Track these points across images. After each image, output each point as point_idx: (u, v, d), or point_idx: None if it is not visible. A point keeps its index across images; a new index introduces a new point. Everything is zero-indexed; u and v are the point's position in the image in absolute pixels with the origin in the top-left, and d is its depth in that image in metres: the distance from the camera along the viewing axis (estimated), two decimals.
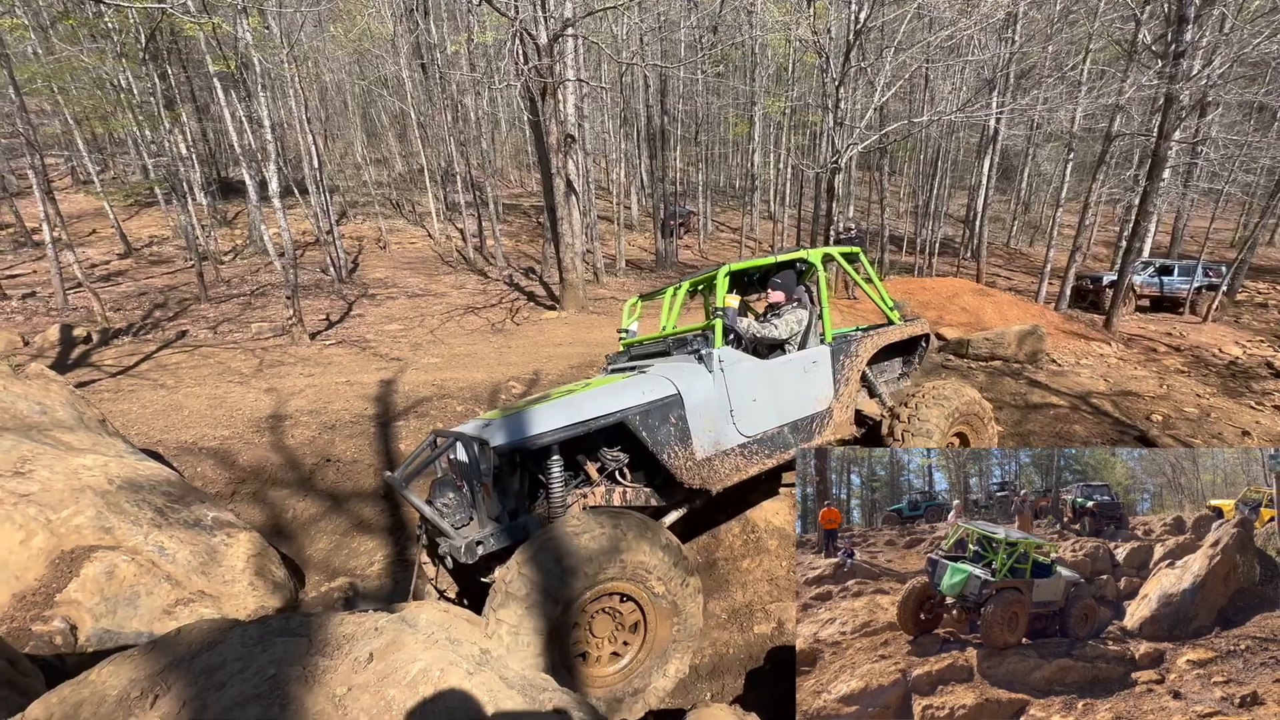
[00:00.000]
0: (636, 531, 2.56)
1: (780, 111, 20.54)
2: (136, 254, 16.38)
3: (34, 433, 3.61)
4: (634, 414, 2.95)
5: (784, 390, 3.55)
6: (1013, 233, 28.51)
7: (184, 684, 1.22)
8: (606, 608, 2.58)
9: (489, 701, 1.20)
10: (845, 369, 3.85)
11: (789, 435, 3.57)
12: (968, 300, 12.44)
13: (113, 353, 8.79)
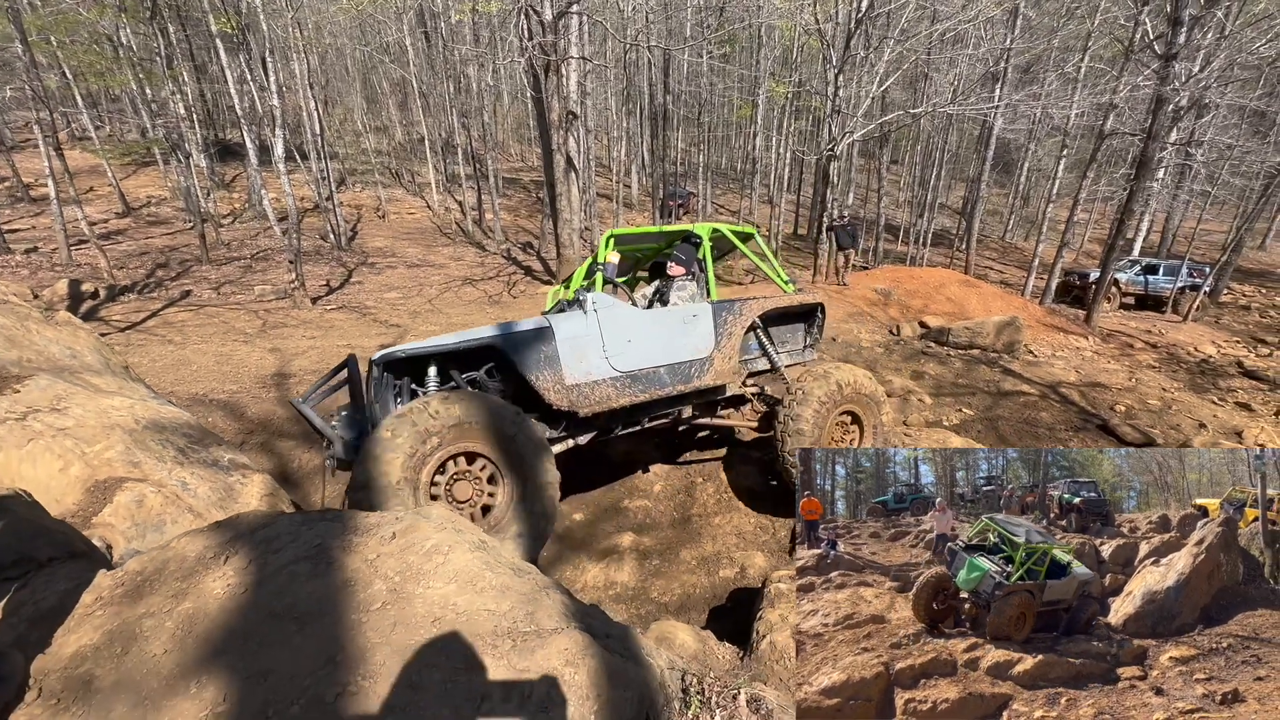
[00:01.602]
0: (469, 397, 3.03)
1: (784, 96, 20.58)
2: (135, 213, 16.43)
3: (66, 374, 3.90)
4: (503, 339, 3.42)
5: (662, 336, 3.93)
6: (1009, 226, 28.77)
7: (248, 548, 1.54)
8: (460, 473, 3.05)
9: (486, 569, 1.53)
10: (728, 325, 4.18)
11: (664, 375, 3.93)
12: (954, 291, 12.76)
13: (120, 309, 9.02)
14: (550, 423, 3.75)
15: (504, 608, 1.44)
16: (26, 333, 4.19)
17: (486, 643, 1.33)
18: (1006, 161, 29.22)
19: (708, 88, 23.92)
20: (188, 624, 1.38)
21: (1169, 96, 10.89)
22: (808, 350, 5.02)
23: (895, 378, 8.28)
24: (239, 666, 1.28)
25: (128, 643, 1.35)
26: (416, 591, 1.45)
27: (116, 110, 23.60)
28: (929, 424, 6.96)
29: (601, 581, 3.99)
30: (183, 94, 17.31)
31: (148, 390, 4.44)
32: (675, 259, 4.36)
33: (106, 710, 1.21)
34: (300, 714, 1.18)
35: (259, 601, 1.42)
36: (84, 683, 1.27)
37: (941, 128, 20.00)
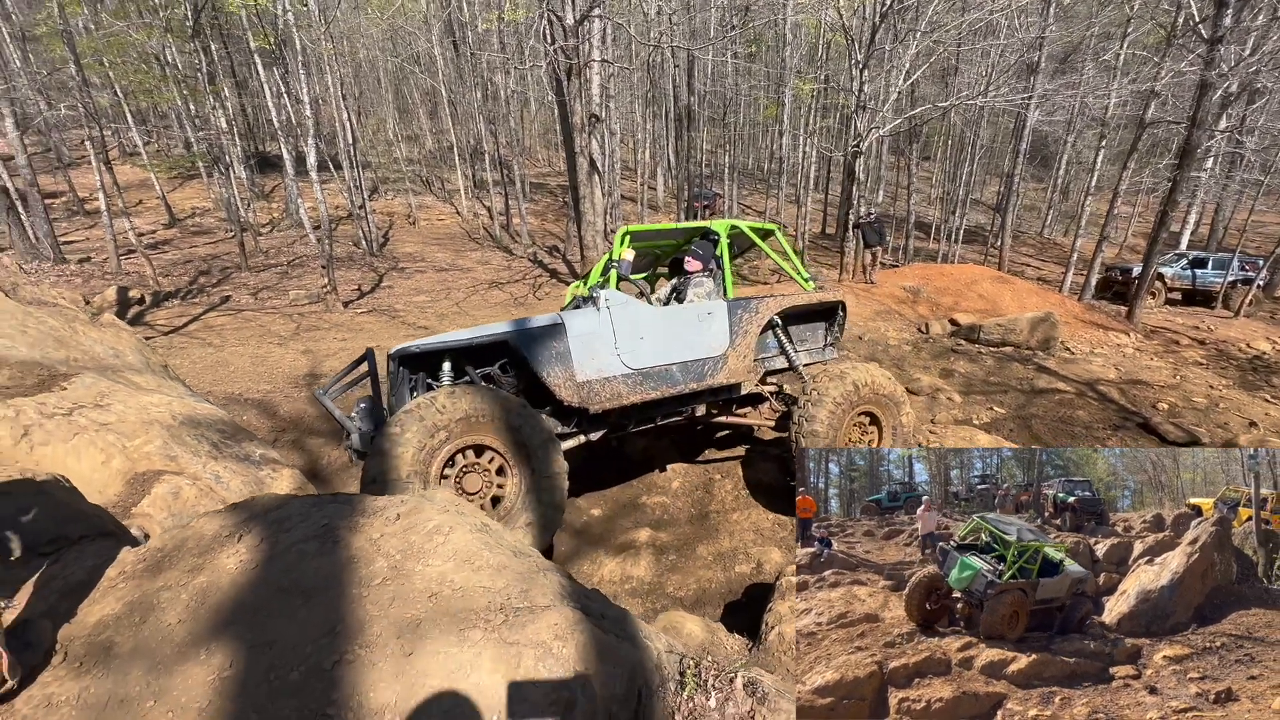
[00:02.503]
0: (476, 391, 3.08)
1: (810, 94, 20.39)
2: (180, 224, 17.17)
3: (109, 372, 4.11)
4: (516, 335, 3.46)
5: (676, 334, 3.90)
6: (1047, 221, 27.88)
7: (261, 528, 1.61)
8: (469, 465, 3.11)
9: (484, 549, 1.57)
10: (743, 323, 4.13)
11: (677, 373, 3.91)
12: (986, 287, 12.43)
13: (164, 313, 9.44)
14: (562, 418, 3.78)
15: (499, 585, 1.47)
16: (74, 334, 4.43)
17: (479, 616, 1.37)
18: (1044, 154, 28.34)
19: (733, 87, 23.84)
20: (201, 596, 1.45)
21: (1215, 82, 10.42)
22: (828, 349, 4.94)
23: (923, 376, 8.11)
24: (246, 636, 1.34)
25: (146, 613, 1.42)
26: (416, 569, 1.50)
27: (163, 126, 24.71)
28: (958, 422, 6.80)
29: (618, 576, 4.01)
30: (224, 108, 18.04)
31: (185, 388, 4.64)
32: (692, 255, 4.35)
33: (124, 673, 1.28)
34: (300, 679, 1.23)
35: (268, 577, 1.49)
36: (104, 649, 1.35)
37: (973, 121, 19.52)
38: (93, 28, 18.67)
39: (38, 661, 1.32)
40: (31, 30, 18.15)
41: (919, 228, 23.60)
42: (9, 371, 3.75)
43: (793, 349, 4.57)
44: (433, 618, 1.36)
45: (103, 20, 16.84)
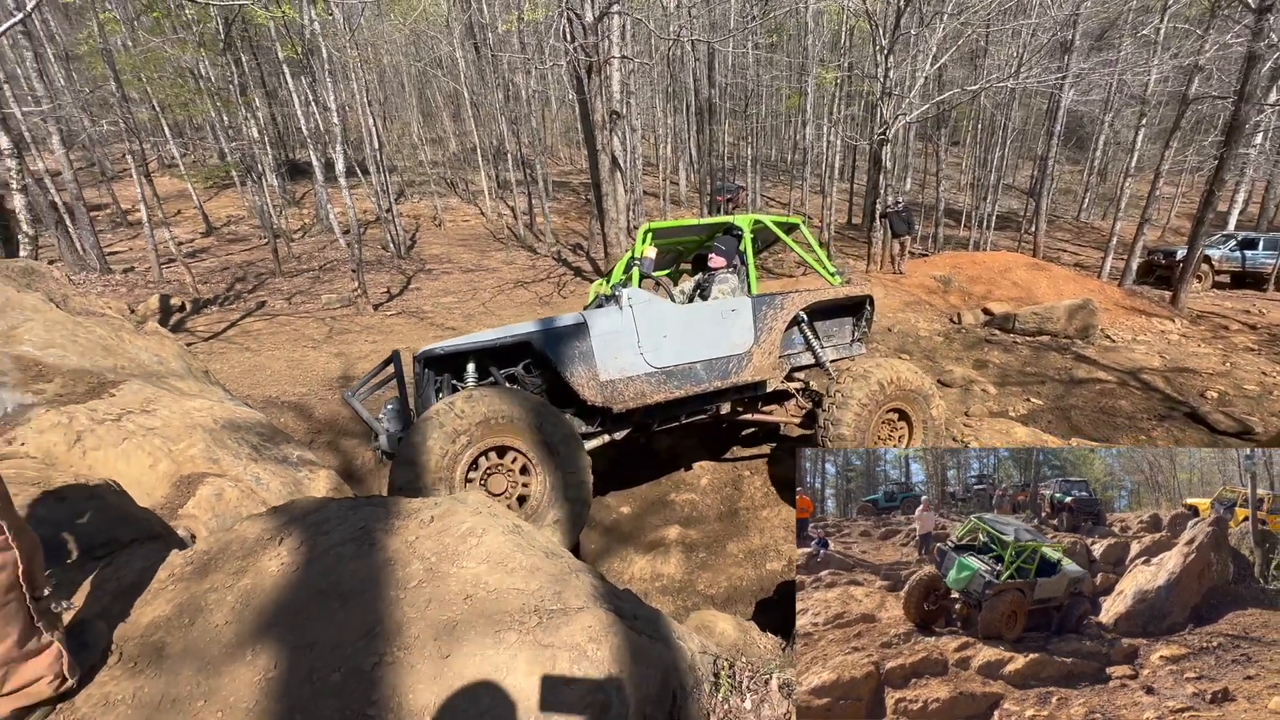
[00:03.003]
0: (493, 393, 3.09)
1: (833, 82, 20.02)
2: (216, 232, 17.70)
3: (154, 379, 4.25)
4: (540, 335, 3.46)
5: (699, 332, 3.86)
6: (1084, 205, 26.97)
7: (300, 531, 1.66)
8: (492, 467, 3.14)
9: (517, 551, 1.58)
10: (768, 319, 4.07)
11: (701, 371, 3.86)
12: (1020, 274, 12.08)
13: (204, 320, 9.75)
14: (586, 418, 3.79)
15: (533, 587, 1.48)
16: (121, 342, 4.60)
17: (514, 618, 1.38)
18: (1079, 136, 27.39)
19: (754, 79, 23.58)
20: (246, 598, 1.49)
21: (1264, 54, 9.92)
22: (856, 344, 4.84)
23: (956, 367, 7.93)
24: (288, 638, 1.37)
25: (194, 614, 1.47)
26: (451, 571, 1.52)
27: (199, 138, 25.48)
28: (993, 414, 6.64)
29: (648, 574, 4.01)
30: (255, 118, 18.52)
31: (225, 393, 4.79)
32: (716, 251, 4.30)
33: (175, 673, 1.33)
34: (340, 681, 1.26)
35: (308, 579, 1.52)
36: (157, 649, 1.40)
37: (1004, 104, 18.95)
38: (130, 45, 19.33)
39: (95, 661, 1.38)
40: (74, 49, 18.89)
41: (949, 215, 23.04)
42: (61, 380, 3.91)
43: (819, 345, 4.50)
44: (468, 620, 1.38)
45: (139, 37, 17.43)
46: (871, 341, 9.08)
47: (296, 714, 1.21)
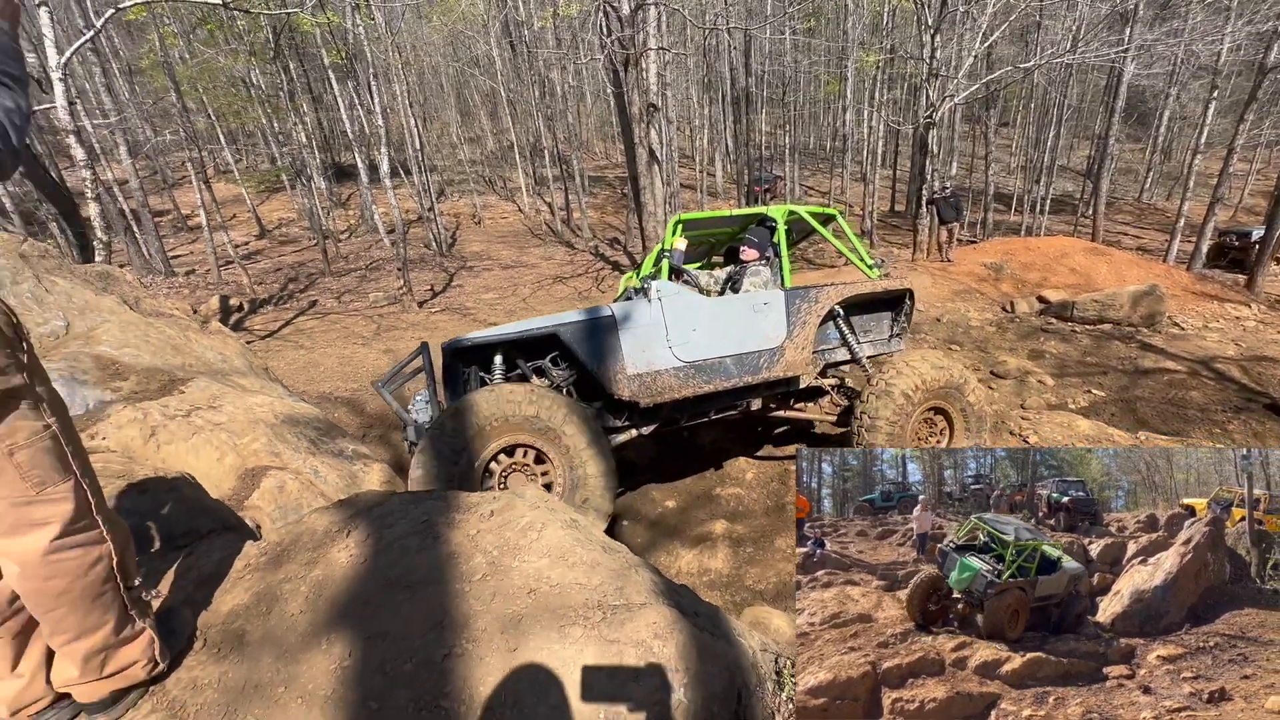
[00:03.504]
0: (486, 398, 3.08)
1: (875, 65, 19.43)
2: (269, 234, 18.42)
3: (219, 376, 4.45)
4: (566, 328, 3.42)
5: (729, 325, 3.75)
6: (1146, 185, 25.53)
7: (366, 523, 1.70)
8: (512, 465, 3.16)
9: (577, 545, 1.59)
10: (802, 313, 3.93)
11: (731, 366, 3.76)
12: (1078, 260, 11.52)
13: (260, 319, 10.17)
14: (613, 412, 3.75)
15: (594, 582, 1.48)
16: (188, 342, 4.83)
17: (578, 614, 1.38)
18: (1141, 112, 25.91)
19: (791, 65, 23.11)
20: (318, 588, 1.54)
21: None
22: (895, 340, 4.65)
23: (1010, 358, 7.63)
24: (360, 628, 1.41)
25: (271, 603, 1.53)
26: (513, 565, 1.53)
27: (251, 144, 26.53)
28: (1051, 407, 6.36)
29: (695, 568, 4.00)
30: (303, 123, 19.16)
31: (283, 389, 4.98)
32: (748, 243, 4.18)
33: (256, 660, 1.38)
34: (413, 671, 1.28)
35: (376, 570, 1.56)
36: (237, 636, 1.46)
37: (1060, 81, 18.06)
38: (188, 57, 20.24)
39: (182, 646, 1.44)
40: (137, 64, 19.89)
41: (999, 200, 22.14)
42: (136, 378, 4.13)
43: (855, 340, 4.34)
44: (533, 614, 1.39)
45: (195, 49, 18.22)
46: (919, 332, 8.81)
47: (372, 702, 1.24)
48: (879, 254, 14.65)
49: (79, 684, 1.26)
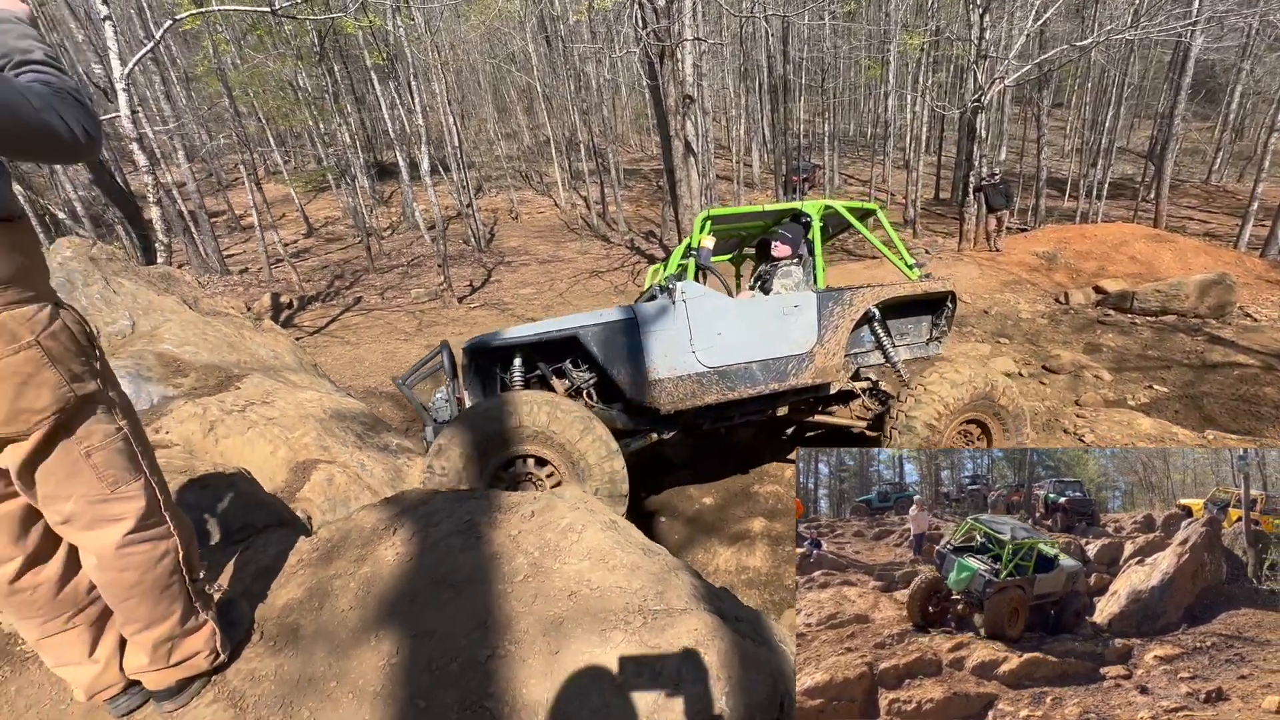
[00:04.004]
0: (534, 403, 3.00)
1: (919, 48, 18.77)
2: (316, 233, 19.05)
3: (271, 372, 4.63)
4: (586, 330, 3.32)
5: (757, 329, 3.59)
6: (1215, 166, 23.98)
7: (412, 522, 1.75)
8: (522, 475, 3.11)
9: (617, 548, 1.59)
10: (834, 316, 3.75)
11: (757, 372, 3.60)
12: (1139, 248, 10.92)
13: (309, 315, 10.54)
14: (633, 416, 3.65)
15: (635, 585, 1.48)
16: (242, 339, 5.04)
17: (619, 618, 1.38)
18: (1210, 88, 24.34)
19: (831, 51, 22.53)
20: (367, 585, 1.59)
21: None
22: (933, 344, 4.42)
23: (1064, 351, 7.30)
24: (407, 626, 1.45)
25: (322, 599, 1.58)
26: (554, 566, 1.55)
27: (298, 145, 27.43)
28: (1109, 403, 6.06)
29: (733, 566, 3.97)
30: (347, 124, 19.68)
31: (331, 384, 5.15)
32: (781, 238, 4.01)
33: (310, 654, 1.43)
34: (458, 671, 1.31)
35: (422, 569, 1.60)
36: (292, 630, 1.51)
37: (1119, 58, 17.09)
38: (239, 62, 21.03)
39: (241, 638, 1.51)
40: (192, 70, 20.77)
41: (1052, 185, 21.17)
42: (196, 374, 4.33)
43: (891, 344, 4.14)
44: (574, 617, 1.40)
45: (246, 55, 18.90)
46: (965, 325, 8.52)
47: (419, 700, 1.27)
48: (924, 243, 14.21)
49: (148, 671, 1.33)
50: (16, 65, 1.08)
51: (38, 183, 14.50)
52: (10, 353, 1.03)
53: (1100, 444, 5.13)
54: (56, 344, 1.10)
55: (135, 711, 1.36)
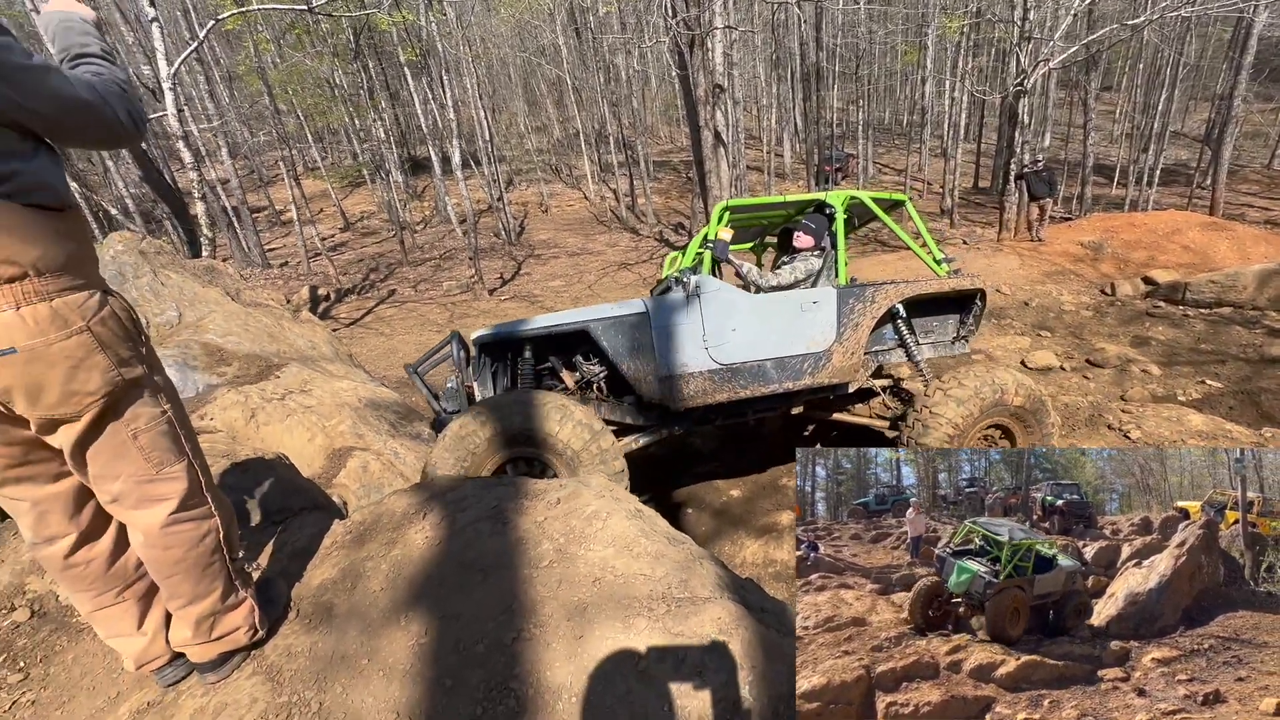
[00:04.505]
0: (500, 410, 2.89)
1: (958, 31, 18.16)
2: (352, 227, 19.49)
3: (309, 362, 4.77)
4: (597, 324, 3.23)
5: (772, 326, 3.46)
6: (1278, 151, 22.68)
7: (441, 507, 1.78)
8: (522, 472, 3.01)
9: (641, 536, 1.59)
10: (854, 314, 3.60)
11: (771, 370, 3.49)
12: (1193, 236, 10.41)
13: (345, 307, 10.81)
14: (642, 411, 3.57)
15: (659, 573, 1.48)
16: (281, 330, 5.20)
17: (642, 605, 1.39)
18: (1274, 67, 22.94)
19: (866, 37, 21.98)
20: (397, 568, 1.62)
21: None
22: (959, 342, 4.23)
23: (1109, 345, 7.02)
24: (435, 608, 1.48)
25: (355, 579, 1.63)
26: (579, 553, 1.56)
27: (335, 142, 28.06)
28: (1157, 399, 5.81)
29: (760, 558, 3.95)
30: (381, 120, 20.05)
31: (366, 375, 5.28)
32: (804, 229, 3.87)
33: (343, 632, 1.48)
34: (484, 652, 1.33)
35: (450, 553, 1.63)
36: (326, 609, 1.56)
37: (1175, 36, 16.26)
38: (278, 61, 21.59)
39: (279, 615, 1.56)
40: (235, 70, 21.41)
41: (1098, 172, 20.31)
42: (238, 364, 4.49)
43: (914, 341, 3.98)
44: (598, 603, 1.41)
45: (285, 54, 19.40)
46: (1004, 318, 8.27)
47: (446, 680, 1.30)
48: (961, 234, 13.81)
49: (192, 644, 1.39)
50: (74, 59, 1.16)
51: (93, 180, 15.17)
52: (62, 337, 1.08)
53: (1147, 441, 4.93)
54: (106, 330, 1.15)
55: (180, 682, 1.43)
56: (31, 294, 1.05)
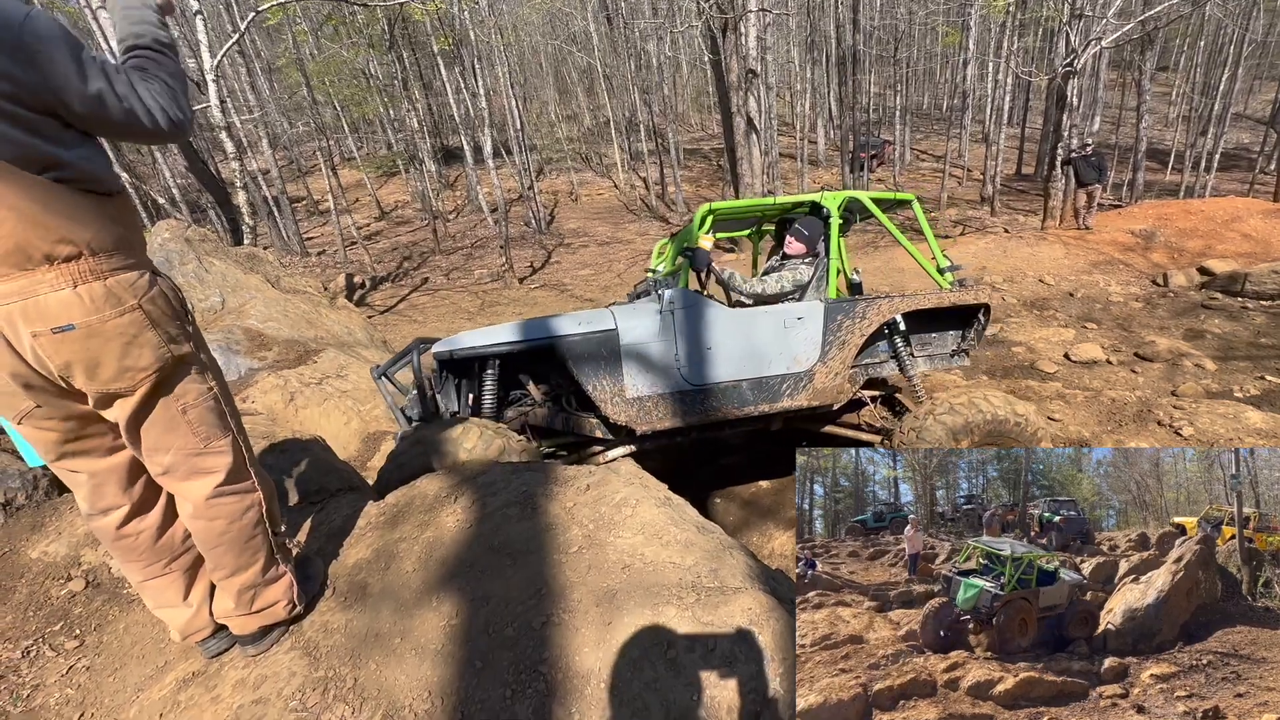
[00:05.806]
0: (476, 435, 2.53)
1: (1003, 11, 17.43)
2: (387, 216, 19.82)
3: (345, 348, 4.87)
4: (564, 341, 3.01)
5: (751, 343, 3.25)
6: None
7: (472, 491, 1.80)
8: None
9: (671, 524, 1.59)
10: (842, 331, 3.38)
11: (747, 391, 3.28)
12: (1254, 224, 9.86)
13: (380, 295, 11.03)
14: (611, 429, 3.38)
15: (688, 562, 1.48)
16: (319, 316, 5.33)
17: (671, 593, 1.38)
18: None
19: (905, 19, 21.32)
20: (429, 549, 1.65)
21: None
22: (958, 356, 3.98)
23: (1160, 338, 6.72)
24: (466, 590, 1.49)
25: (389, 560, 1.66)
26: (608, 540, 1.56)
27: (370, 132, 28.52)
28: (1211, 395, 5.54)
29: (789, 550, 3.91)
30: (415, 110, 20.27)
31: None
32: (797, 234, 3.57)
33: (376, 611, 1.51)
34: (514, 635, 1.34)
35: (480, 536, 1.65)
36: (361, 588, 1.60)
37: (1240, 11, 15.33)
38: (316, 53, 21.98)
39: (316, 591, 1.61)
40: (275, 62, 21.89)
41: (1152, 157, 19.36)
42: (278, 349, 4.62)
43: (909, 354, 3.76)
44: (627, 590, 1.40)
45: (322, 45, 19.75)
46: (1048, 309, 7.98)
47: (476, 661, 1.32)
48: (1002, 222, 13.34)
49: (234, 616, 1.43)
50: (126, 51, 1.18)
51: (141, 170, 15.73)
52: (116, 315, 1.12)
53: (1200, 439, 4.71)
54: (155, 308, 1.19)
55: (223, 654, 1.48)
56: (87, 273, 1.08)
